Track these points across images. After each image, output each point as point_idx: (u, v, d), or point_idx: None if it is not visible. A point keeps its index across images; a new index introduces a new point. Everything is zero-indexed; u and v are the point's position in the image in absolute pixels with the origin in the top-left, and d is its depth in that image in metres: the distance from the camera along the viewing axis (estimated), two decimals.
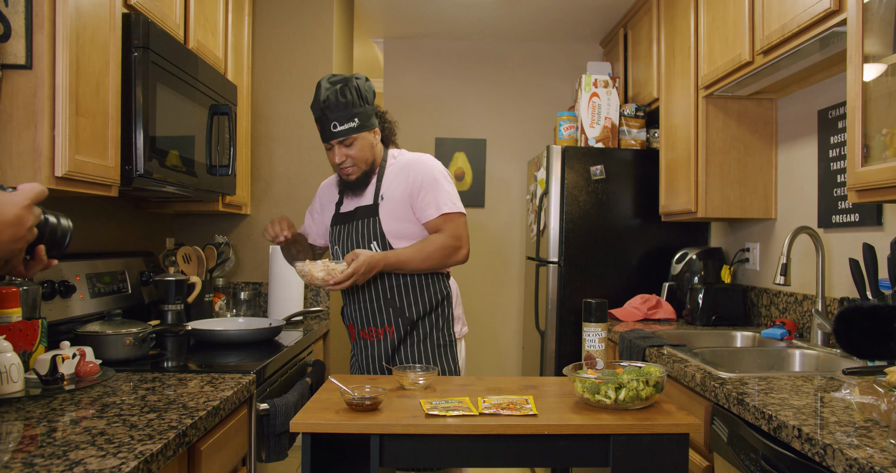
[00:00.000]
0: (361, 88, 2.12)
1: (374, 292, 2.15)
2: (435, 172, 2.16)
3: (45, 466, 1.02)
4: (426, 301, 2.15)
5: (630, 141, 3.45)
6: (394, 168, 2.20)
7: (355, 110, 2.09)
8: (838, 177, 2.34)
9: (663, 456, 1.46)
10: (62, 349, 1.60)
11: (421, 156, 2.23)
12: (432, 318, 2.16)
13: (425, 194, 2.12)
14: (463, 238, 2.16)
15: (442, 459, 1.54)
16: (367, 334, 2.18)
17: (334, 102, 2.08)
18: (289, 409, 1.86)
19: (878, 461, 1.07)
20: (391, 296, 2.14)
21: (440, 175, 2.17)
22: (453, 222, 2.14)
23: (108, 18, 1.75)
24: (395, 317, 2.13)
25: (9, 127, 1.51)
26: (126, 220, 2.62)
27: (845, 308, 1.65)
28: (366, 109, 2.13)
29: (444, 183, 2.16)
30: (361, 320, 2.18)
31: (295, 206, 3.25)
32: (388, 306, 2.14)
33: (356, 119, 2.09)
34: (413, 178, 2.14)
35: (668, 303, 3.05)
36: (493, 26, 4.25)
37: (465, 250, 2.16)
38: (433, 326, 2.16)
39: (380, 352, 2.14)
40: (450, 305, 2.20)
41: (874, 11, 1.61)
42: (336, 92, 2.08)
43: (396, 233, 2.14)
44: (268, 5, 3.25)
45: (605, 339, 1.83)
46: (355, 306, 2.19)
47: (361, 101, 2.11)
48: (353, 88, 2.10)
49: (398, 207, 2.14)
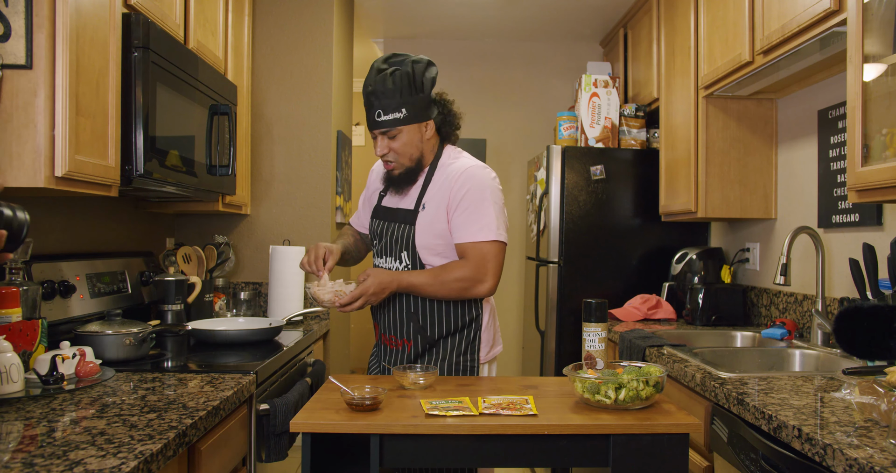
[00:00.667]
0: (417, 73, 1.90)
1: (399, 301, 2.00)
2: (478, 189, 1.92)
3: (45, 466, 1.02)
4: (451, 322, 1.98)
5: (630, 141, 3.45)
6: (441, 174, 1.98)
7: (402, 99, 1.89)
8: (838, 177, 2.34)
9: (663, 456, 1.46)
10: (62, 349, 1.60)
11: (472, 167, 1.97)
12: (455, 339, 1.99)
13: (461, 213, 1.91)
14: (489, 271, 1.91)
15: (442, 459, 1.54)
16: (387, 339, 2.06)
17: (381, 88, 1.88)
18: (289, 409, 1.85)
19: (878, 461, 1.07)
20: (414, 310, 1.98)
21: (485, 194, 1.93)
22: (481, 251, 1.90)
23: (108, 18, 1.75)
24: (414, 333, 1.98)
25: (9, 127, 1.51)
26: (126, 220, 2.62)
27: (845, 308, 1.65)
28: (418, 99, 1.91)
29: (488, 204, 1.92)
30: (385, 324, 2.05)
31: (295, 206, 3.25)
32: (410, 320, 1.99)
33: (403, 109, 1.89)
34: (455, 192, 1.92)
35: (668, 303, 3.05)
36: (493, 26, 4.25)
37: (488, 285, 1.91)
38: (455, 348, 1.98)
39: (397, 361, 2.03)
40: (478, 328, 2.01)
41: (874, 11, 1.61)
42: (385, 77, 1.88)
43: (430, 248, 1.96)
44: (268, 5, 3.25)
45: (605, 339, 1.83)
46: (382, 309, 2.05)
47: (413, 89, 1.90)
48: (405, 75, 1.89)
49: (436, 220, 1.94)
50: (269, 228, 3.24)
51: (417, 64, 1.92)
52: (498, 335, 2.12)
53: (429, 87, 1.95)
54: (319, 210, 3.24)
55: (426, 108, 1.95)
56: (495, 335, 2.09)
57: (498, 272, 1.93)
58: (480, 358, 2.02)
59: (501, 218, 1.95)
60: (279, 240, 3.21)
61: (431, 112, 1.97)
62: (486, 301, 2.06)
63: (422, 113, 1.94)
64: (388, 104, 1.90)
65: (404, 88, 1.89)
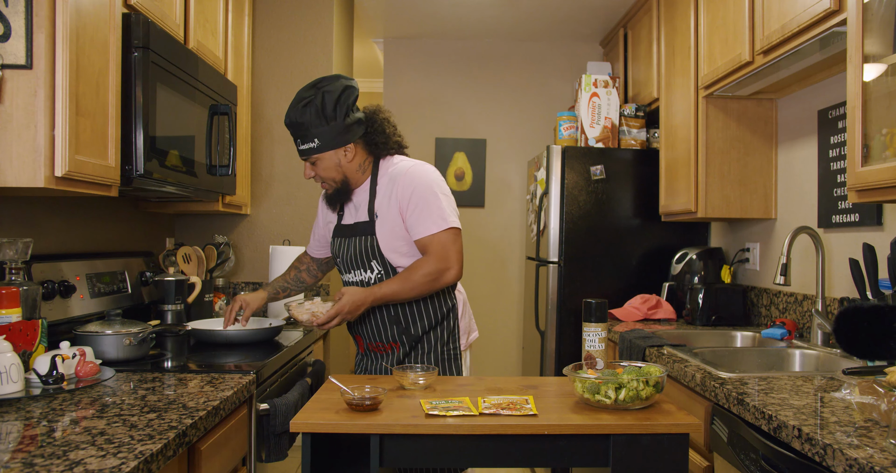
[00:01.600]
0: (327, 104, 1.97)
1: (380, 311, 2.08)
2: (422, 186, 2.01)
3: (45, 466, 1.02)
4: (430, 316, 2.08)
5: (630, 141, 3.45)
6: (385, 180, 2.07)
7: (314, 130, 1.98)
8: (838, 177, 2.34)
9: (663, 456, 1.46)
10: (62, 349, 1.60)
11: (410, 166, 2.07)
12: (437, 331, 2.09)
13: (412, 211, 2.00)
14: (451, 257, 2.00)
15: (442, 459, 1.54)
16: (374, 347, 2.13)
17: (294, 120, 2.00)
18: (289, 409, 1.85)
19: (878, 461, 1.07)
20: (395, 314, 2.07)
21: (428, 188, 2.02)
22: (440, 241, 1.99)
23: (108, 18, 1.75)
24: (399, 334, 2.07)
25: (9, 127, 1.51)
26: (126, 220, 2.62)
27: (845, 308, 1.65)
28: (329, 128, 1.99)
29: (434, 196, 2.01)
30: (369, 335, 2.13)
31: (295, 206, 3.25)
32: (393, 324, 2.07)
33: (316, 140, 1.99)
34: (401, 193, 2.01)
35: (668, 303, 3.05)
36: (493, 26, 4.25)
37: (453, 271, 2.00)
38: (438, 339, 2.09)
39: (389, 363, 2.10)
40: (455, 317, 2.12)
41: (874, 11, 1.61)
42: (298, 110, 1.98)
43: (394, 250, 2.04)
44: (268, 5, 3.25)
45: (605, 339, 1.83)
46: (362, 323, 2.12)
47: (323, 119, 1.98)
48: (315, 107, 1.97)
49: (393, 223, 2.03)
50: (269, 228, 3.25)
51: (329, 94, 1.98)
52: (472, 321, 2.24)
53: (342, 114, 2.01)
54: None
55: (341, 134, 2.02)
56: (470, 321, 2.21)
57: (460, 257, 2.03)
58: (461, 345, 2.14)
59: (451, 206, 2.05)
60: (279, 240, 3.21)
61: (350, 137, 2.04)
62: (458, 291, 2.17)
63: (336, 140, 2.01)
64: (303, 135, 2.01)
65: (313, 119, 1.98)
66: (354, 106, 2.08)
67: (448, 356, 2.10)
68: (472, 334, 2.21)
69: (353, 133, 2.05)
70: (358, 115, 2.08)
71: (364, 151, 2.10)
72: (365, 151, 2.10)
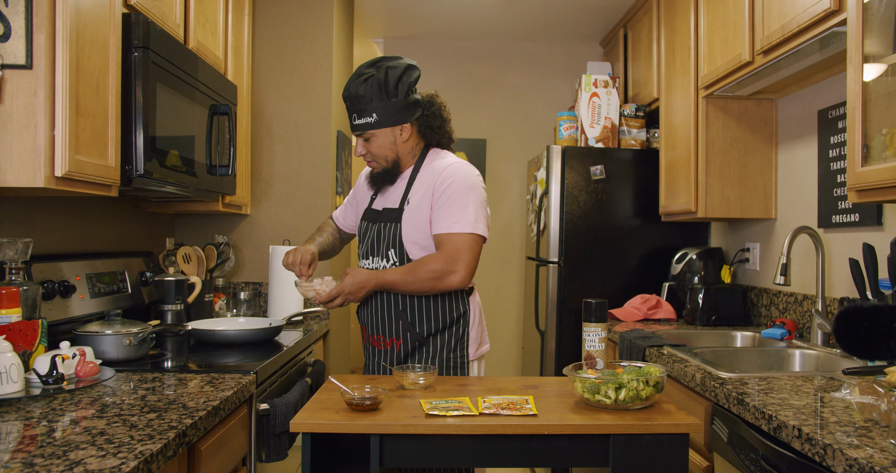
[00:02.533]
0: (390, 79, 1.95)
1: (387, 300, 2.03)
2: (461, 184, 1.97)
3: (45, 466, 1.02)
4: (440, 318, 2.00)
5: (630, 141, 3.45)
6: (426, 171, 2.04)
7: (373, 105, 1.95)
8: (838, 177, 2.34)
9: (663, 456, 1.46)
10: (62, 349, 1.60)
11: (455, 162, 2.03)
12: (445, 336, 2.01)
13: (440, 204, 1.96)
14: (460, 261, 1.92)
15: (442, 459, 1.54)
16: (375, 340, 2.08)
17: (353, 93, 1.97)
18: (289, 409, 1.85)
19: (878, 461, 1.07)
20: (402, 308, 2.01)
21: (466, 188, 1.97)
22: (455, 243, 1.93)
23: (108, 18, 1.75)
24: (403, 330, 2.01)
25: (9, 127, 1.51)
26: (126, 220, 2.62)
27: (845, 308, 1.65)
28: (390, 103, 1.96)
29: (469, 198, 1.96)
30: (372, 325, 2.08)
31: (295, 206, 3.25)
32: (399, 318, 2.01)
33: (374, 114, 1.96)
34: (438, 185, 1.97)
35: (668, 303, 3.05)
36: (493, 26, 4.25)
37: (459, 276, 1.92)
38: (444, 345, 2.01)
39: (389, 362, 2.04)
40: (466, 325, 2.03)
41: (874, 11, 1.61)
42: (359, 83, 1.95)
43: (416, 242, 1.99)
44: (268, 5, 3.25)
45: (605, 339, 1.83)
46: (368, 309, 2.08)
47: (385, 94, 1.95)
48: (377, 80, 1.94)
49: (421, 215, 1.99)
50: (269, 228, 3.25)
51: (393, 69, 1.97)
52: (485, 333, 2.15)
53: (403, 91, 1.99)
54: (319, 210, 3.24)
55: (400, 112, 1.99)
56: (482, 333, 2.12)
57: (471, 264, 1.95)
58: (469, 355, 2.04)
59: (482, 213, 2.00)
60: (279, 240, 3.21)
61: (407, 116, 2.01)
62: (473, 298, 2.08)
63: (395, 117, 1.99)
64: (361, 109, 1.97)
65: (374, 93, 1.95)
66: (415, 87, 2.05)
67: (454, 364, 2.02)
68: (483, 345, 2.12)
69: (411, 113, 2.02)
70: (417, 96, 2.06)
71: (417, 135, 2.07)
72: (418, 135, 2.07)
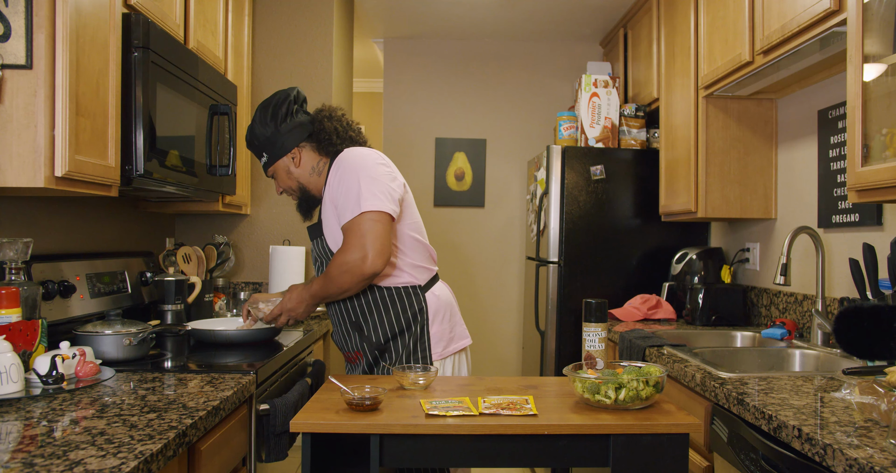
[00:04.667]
0: (257, 120, 2.00)
1: (342, 313, 2.00)
2: (347, 172, 1.87)
3: (45, 466, 1.02)
4: (394, 322, 1.93)
5: (630, 141, 3.45)
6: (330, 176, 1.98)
7: (259, 145, 2.02)
8: (838, 177, 2.34)
9: (663, 456, 1.46)
10: (62, 349, 1.60)
11: (342, 154, 1.94)
12: (404, 339, 1.94)
13: (337, 198, 1.88)
14: (361, 245, 1.78)
15: (442, 459, 1.54)
16: (347, 357, 2.07)
17: (248, 143, 2.06)
18: (289, 409, 1.85)
19: (878, 461, 1.07)
20: (356, 318, 1.97)
21: (351, 173, 1.86)
22: (352, 228, 1.82)
23: (108, 18, 1.75)
24: (360, 342, 1.97)
25: (9, 127, 1.51)
26: (126, 220, 2.62)
27: (845, 308, 1.65)
28: (269, 138, 2.00)
29: (355, 181, 1.85)
30: (338, 341, 2.07)
31: (294, 206, 3.24)
32: (355, 329, 1.98)
33: (264, 154, 2.03)
34: (335, 184, 1.90)
35: (668, 303, 3.05)
36: (493, 26, 4.25)
37: (367, 259, 1.78)
38: (404, 347, 1.94)
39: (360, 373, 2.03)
40: (424, 323, 1.95)
41: (874, 11, 1.61)
42: (247, 133, 2.04)
43: None
44: (268, 5, 3.25)
45: (605, 339, 1.83)
46: (334, 327, 2.08)
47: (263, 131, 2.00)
48: (254, 122, 2.01)
49: (334, 221, 1.94)
50: (269, 228, 3.25)
51: (261, 108, 2.01)
52: (457, 327, 2.04)
53: (278, 121, 2.00)
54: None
55: (283, 141, 2.00)
56: (454, 328, 2.02)
57: (376, 243, 1.79)
58: (434, 355, 1.97)
59: (374, 187, 1.83)
60: (279, 240, 3.21)
61: (291, 142, 2.01)
62: (431, 293, 1.99)
63: (280, 148, 2.01)
64: (257, 153, 2.06)
65: (256, 136, 2.02)
66: (294, 110, 2.04)
67: None
68: (456, 341, 2.02)
69: (293, 137, 2.01)
70: (300, 118, 2.04)
71: (315, 153, 2.04)
72: (316, 152, 2.05)
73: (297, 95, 2.05)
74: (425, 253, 2.05)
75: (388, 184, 1.88)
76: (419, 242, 2.02)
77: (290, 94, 2.03)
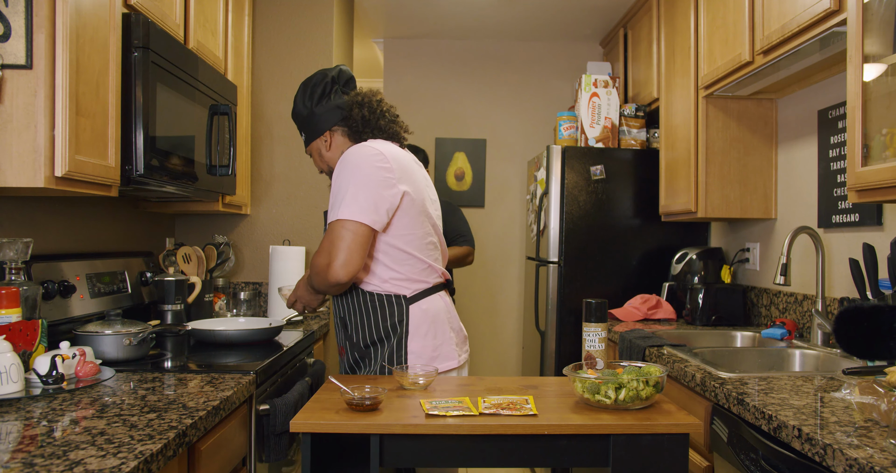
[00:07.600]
0: (297, 101, 2.00)
1: (335, 307, 2.00)
2: (345, 167, 1.81)
3: (45, 466, 1.02)
4: (373, 329, 1.87)
5: (630, 141, 3.45)
6: None
7: (298, 122, 2.04)
8: (838, 177, 2.34)
9: (663, 456, 1.46)
10: (62, 349, 1.60)
11: (349, 151, 1.86)
12: (382, 348, 1.87)
13: (330, 199, 1.84)
14: (331, 252, 1.74)
15: (442, 459, 1.54)
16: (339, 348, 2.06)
17: (292, 116, 2.07)
18: (289, 409, 1.85)
19: (878, 461, 1.07)
20: (342, 316, 1.95)
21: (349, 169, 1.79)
22: (328, 234, 1.78)
23: (107, 18, 1.75)
24: (344, 339, 1.96)
25: (9, 127, 1.51)
26: (126, 220, 2.62)
27: (845, 308, 1.65)
28: (306, 119, 1.99)
29: (349, 180, 1.78)
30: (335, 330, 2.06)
31: (295, 206, 3.25)
32: (341, 325, 1.97)
33: (303, 132, 2.04)
34: (333, 180, 1.85)
35: (668, 303, 3.05)
36: (493, 26, 4.25)
37: (334, 268, 1.73)
38: (382, 358, 1.87)
39: (342, 370, 2.02)
40: (402, 337, 1.85)
41: (874, 11, 1.61)
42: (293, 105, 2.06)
43: None
44: (268, 5, 3.25)
45: (605, 339, 1.83)
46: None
47: (301, 111, 2.00)
48: (295, 103, 2.02)
49: None
50: (269, 228, 3.25)
51: (301, 86, 2.02)
52: (444, 347, 1.90)
53: (314, 102, 1.99)
54: (319, 210, 3.24)
55: (317, 123, 2.00)
56: (437, 346, 1.88)
57: (342, 252, 1.73)
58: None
59: (362, 194, 1.76)
60: (279, 240, 3.21)
61: (324, 125, 1.99)
62: (417, 306, 1.87)
63: (314, 130, 2.01)
64: (300, 131, 2.07)
65: (295, 115, 2.04)
66: (334, 91, 1.99)
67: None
68: (440, 362, 1.88)
69: (326, 120, 1.97)
70: (337, 101, 1.98)
71: (346, 139, 1.99)
72: (347, 138, 1.99)
73: (338, 74, 2.01)
74: (419, 267, 1.89)
75: (378, 192, 1.78)
76: (412, 256, 1.87)
77: (328, 74, 1.99)
